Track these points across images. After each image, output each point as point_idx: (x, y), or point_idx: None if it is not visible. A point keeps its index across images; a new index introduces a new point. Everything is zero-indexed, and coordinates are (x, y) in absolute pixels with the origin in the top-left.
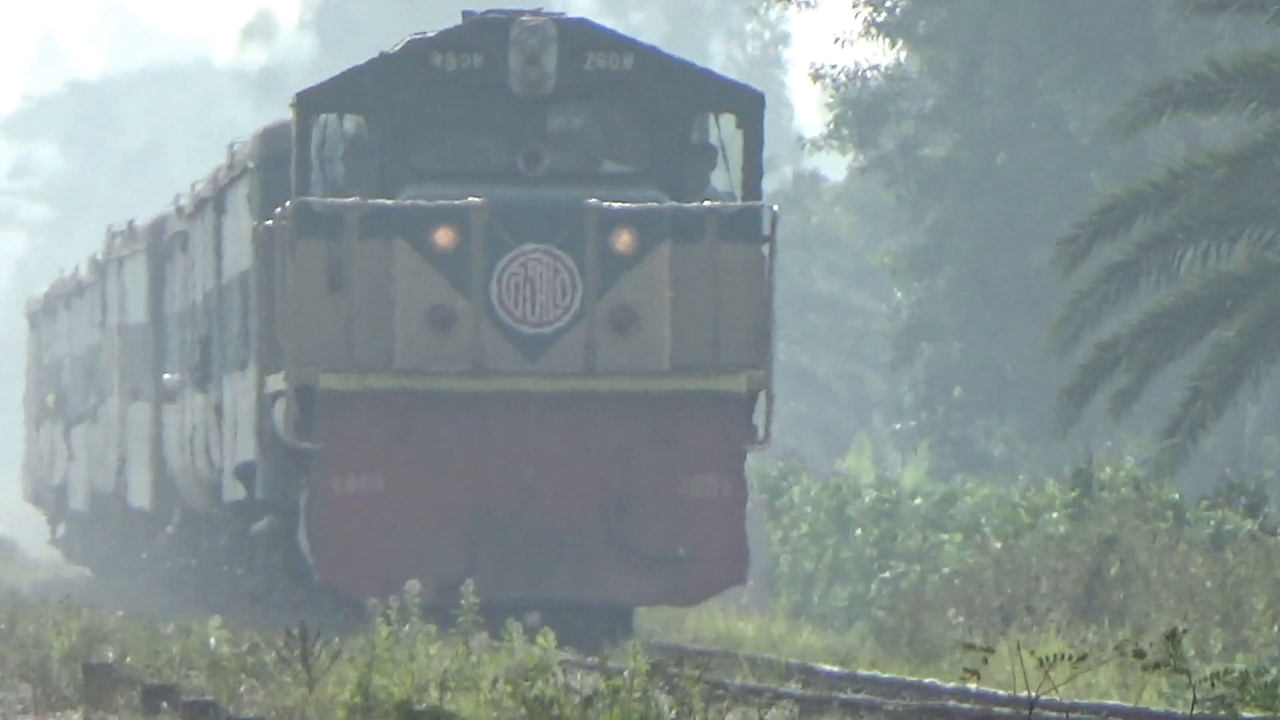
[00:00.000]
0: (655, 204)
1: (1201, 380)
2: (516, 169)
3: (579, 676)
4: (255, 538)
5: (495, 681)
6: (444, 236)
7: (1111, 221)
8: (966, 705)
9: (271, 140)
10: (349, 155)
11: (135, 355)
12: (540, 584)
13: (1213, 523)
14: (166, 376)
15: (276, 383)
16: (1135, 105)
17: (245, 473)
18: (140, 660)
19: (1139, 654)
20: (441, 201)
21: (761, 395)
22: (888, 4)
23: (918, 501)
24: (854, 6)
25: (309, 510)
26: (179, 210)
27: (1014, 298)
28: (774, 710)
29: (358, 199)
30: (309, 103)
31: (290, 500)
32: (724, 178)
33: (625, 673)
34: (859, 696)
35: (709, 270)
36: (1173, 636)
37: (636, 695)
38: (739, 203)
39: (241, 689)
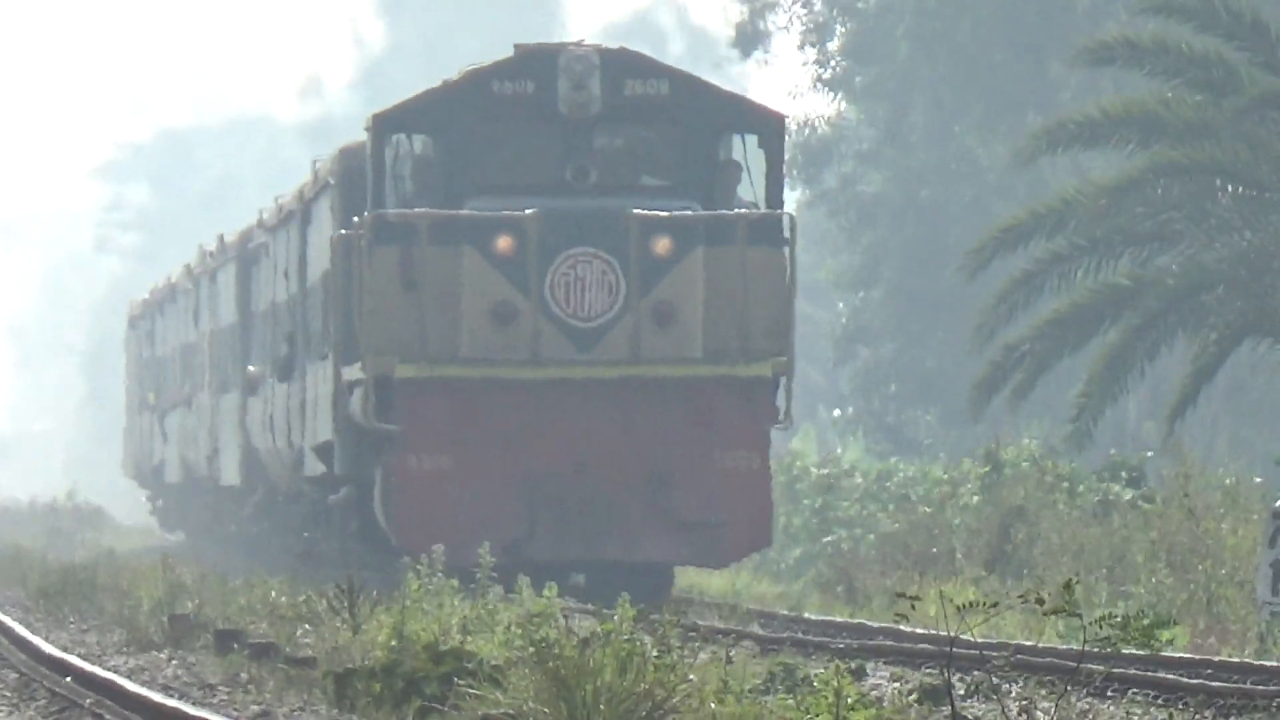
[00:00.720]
0: (690, 212)
1: (1094, 375)
2: (566, 182)
3: (578, 621)
4: (334, 507)
5: (508, 626)
6: (504, 243)
7: (1010, 239)
8: (897, 644)
9: (349, 158)
10: (417, 171)
11: (225, 352)
12: (592, 547)
13: (1100, 493)
14: (250, 369)
15: (354, 373)
16: (1034, 142)
17: (324, 451)
18: (214, 610)
19: (1040, 601)
20: (501, 212)
21: (783, 380)
22: (830, 63)
23: (857, 478)
24: (803, 65)
25: (385, 484)
26: (262, 224)
27: (935, 307)
28: (738, 647)
29: (427, 210)
30: (383, 124)
31: (365, 475)
32: (747, 190)
33: (616, 618)
34: (808, 637)
35: (738, 271)
36: (1068, 586)
37: (625, 637)
38: (763, 211)
39: (298, 633)
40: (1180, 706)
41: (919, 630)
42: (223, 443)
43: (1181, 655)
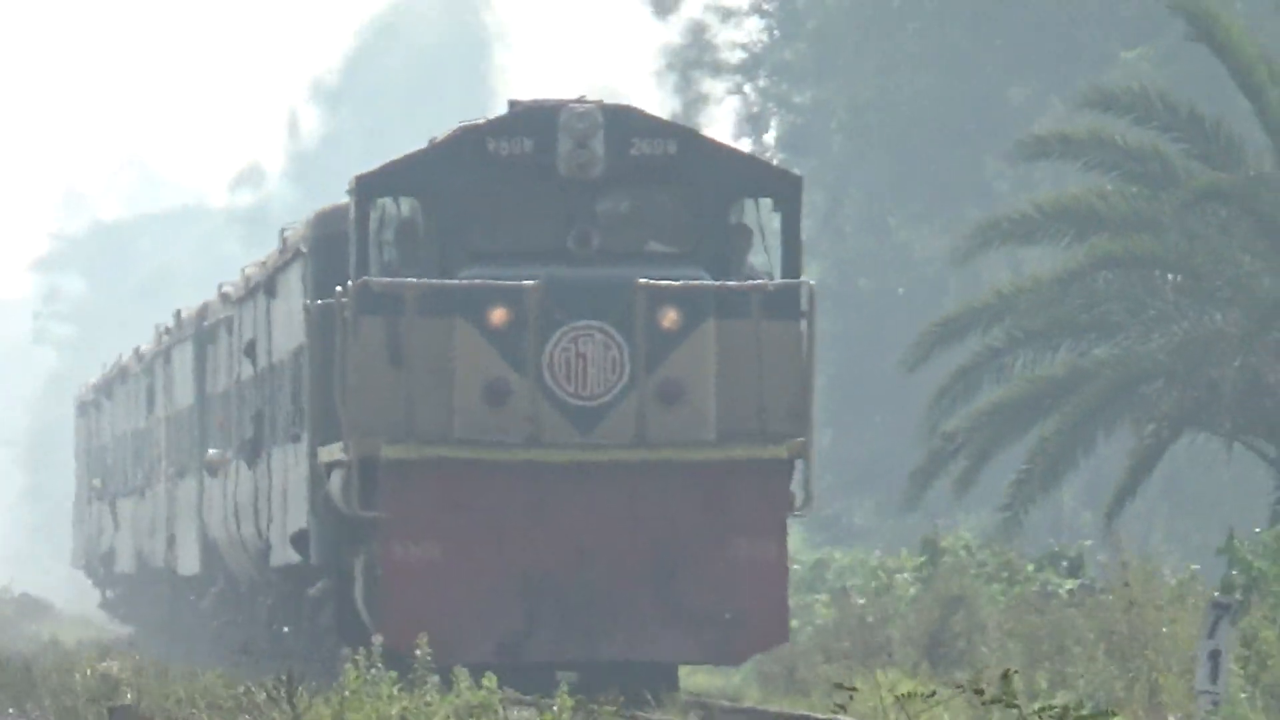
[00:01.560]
0: (701, 282)
1: (1031, 464)
2: (566, 249)
3: (518, 712)
4: (311, 601)
5: (447, 718)
6: (499, 315)
7: (948, 333)
8: None
9: (323, 224)
10: (402, 237)
11: (182, 435)
12: (594, 645)
13: (1039, 582)
14: (211, 452)
15: (334, 453)
16: (970, 238)
17: (299, 540)
18: (154, 702)
19: (979, 691)
20: (497, 281)
21: (800, 464)
22: (766, 154)
23: (795, 567)
24: None
25: (368, 575)
26: (223, 297)
27: (873, 397)
28: None
29: (417, 279)
30: (367, 186)
31: (344, 565)
32: (760, 257)
33: (554, 708)
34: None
35: (752, 345)
36: (1006, 676)
37: None
38: (780, 280)
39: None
40: None
41: None
42: (180, 530)
43: None
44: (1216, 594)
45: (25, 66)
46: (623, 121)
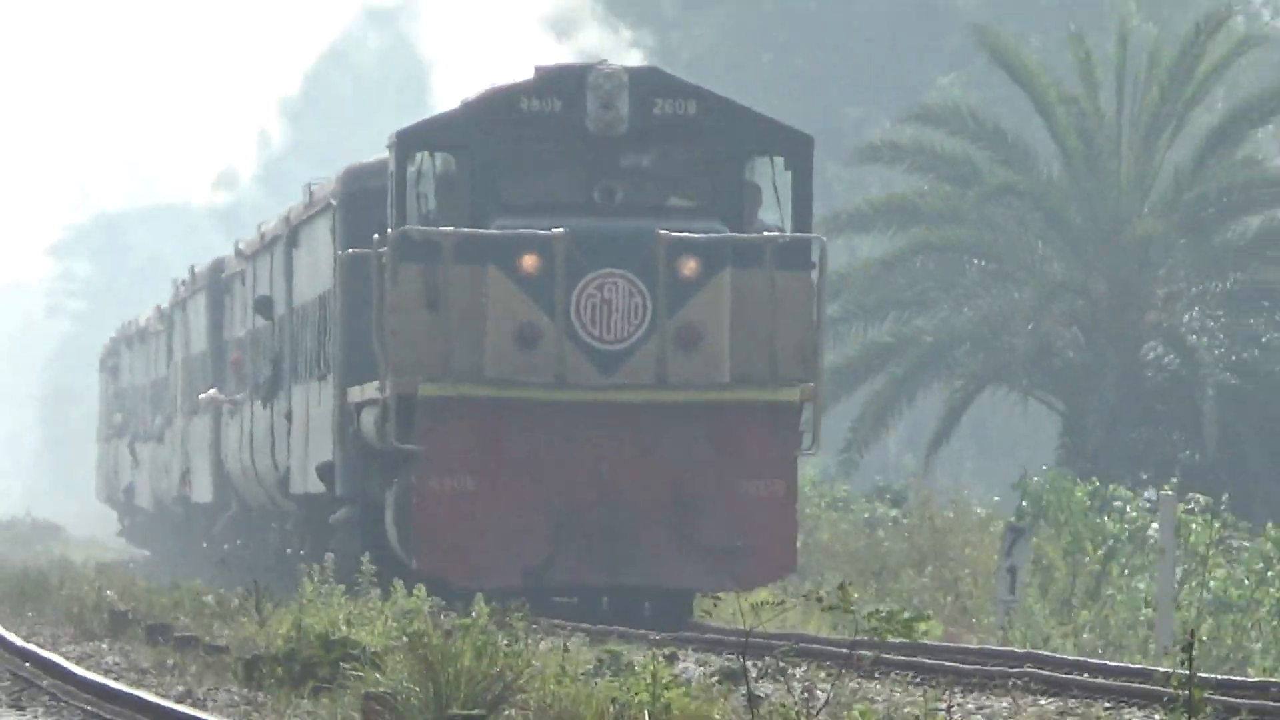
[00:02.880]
0: (718, 234)
1: (864, 415)
2: (592, 202)
3: (446, 618)
4: (334, 526)
5: (387, 620)
6: (529, 262)
7: None
8: (701, 635)
9: (351, 180)
10: (440, 189)
11: (197, 378)
12: (615, 572)
13: (867, 513)
14: (212, 393)
15: (367, 392)
16: (815, 230)
17: (325, 471)
18: (146, 609)
19: (819, 599)
20: (528, 230)
21: (809, 406)
22: None
23: None
24: None
25: (400, 505)
26: (238, 253)
27: None
28: (574, 637)
29: (453, 228)
30: (406, 141)
31: (372, 496)
32: (771, 213)
33: (474, 614)
34: (629, 629)
35: (766, 294)
36: (842, 587)
37: (481, 629)
38: (792, 234)
39: (215, 627)
40: (934, 684)
41: (720, 624)
42: (194, 463)
43: (936, 644)
44: (1013, 520)
45: (42, 83)
46: (646, 82)
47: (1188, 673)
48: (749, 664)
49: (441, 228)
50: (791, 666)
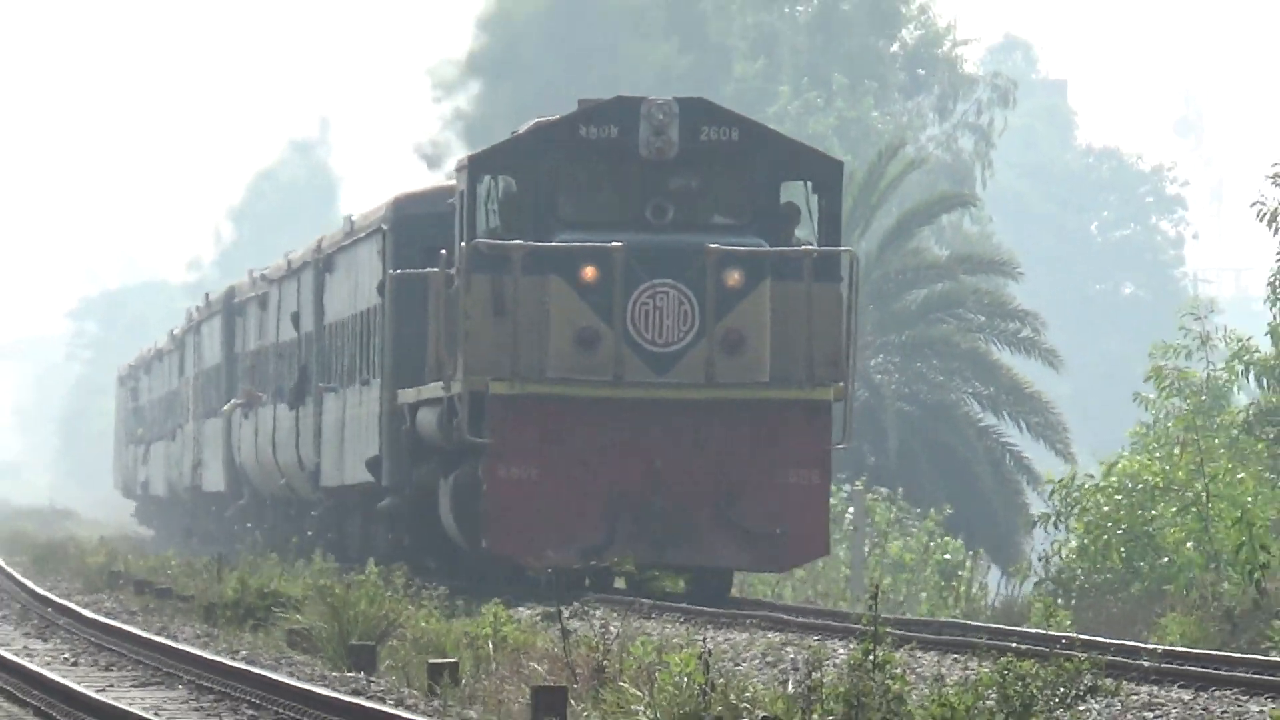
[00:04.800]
0: (760, 248)
1: None
2: (645, 219)
3: (351, 575)
4: (380, 513)
5: (306, 578)
6: (589, 273)
7: None
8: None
9: (401, 208)
10: (504, 208)
11: (211, 387)
12: (665, 553)
13: None
14: (232, 401)
15: (422, 393)
16: None
17: (373, 464)
18: (135, 569)
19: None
20: (588, 244)
21: (841, 404)
22: None
23: None
24: None
25: (462, 493)
26: (254, 281)
27: None
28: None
29: (520, 242)
30: (477, 165)
31: (424, 484)
32: (803, 229)
33: (367, 573)
34: (482, 585)
35: (802, 302)
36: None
37: (373, 584)
38: (825, 248)
39: (186, 583)
40: (694, 623)
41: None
42: (207, 457)
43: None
44: None
45: (60, 195)
46: (695, 111)
47: (874, 614)
48: (563, 608)
49: (511, 241)
50: (591, 609)
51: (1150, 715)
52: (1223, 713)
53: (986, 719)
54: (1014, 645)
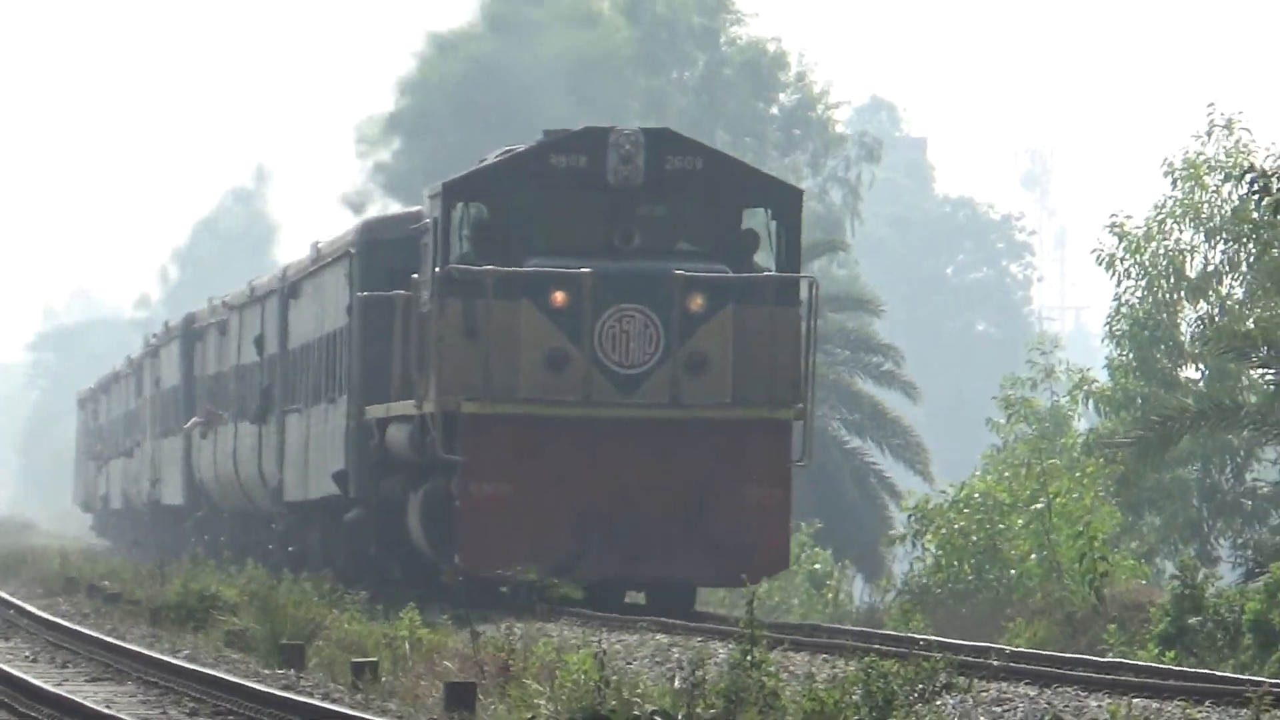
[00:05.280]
0: (724, 274)
1: None
2: (612, 246)
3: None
4: (347, 525)
5: (242, 584)
6: (559, 297)
7: None
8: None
9: (368, 232)
10: (475, 233)
11: (169, 408)
12: (634, 567)
13: None
14: (193, 420)
15: (397, 410)
16: None
17: (339, 477)
18: (88, 574)
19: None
20: (558, 269)
21: (801, 425)
22: None
23: None
24: None
25: (432, 507)
26: (214, 308)
27: None
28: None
29: (492, 267)
30: (452, 192)
31: (391, 498)
32: (761, 255)
33: (296, 579)
34: (403, 591)
35: (763, 326)
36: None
37: (299, 588)
38: (786, 274)
39: (135, 589)
40: (591, 626)
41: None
42: (165, 473)
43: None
44: None
45: (18, 238)
46: (660, 141)
47: (751, 618)
48: (472, 613)
49: (483, 266)
50: (501, 615)
51: (999, 709)
52: (1065, 707)
53: (852, 713)
54: (877, 646)
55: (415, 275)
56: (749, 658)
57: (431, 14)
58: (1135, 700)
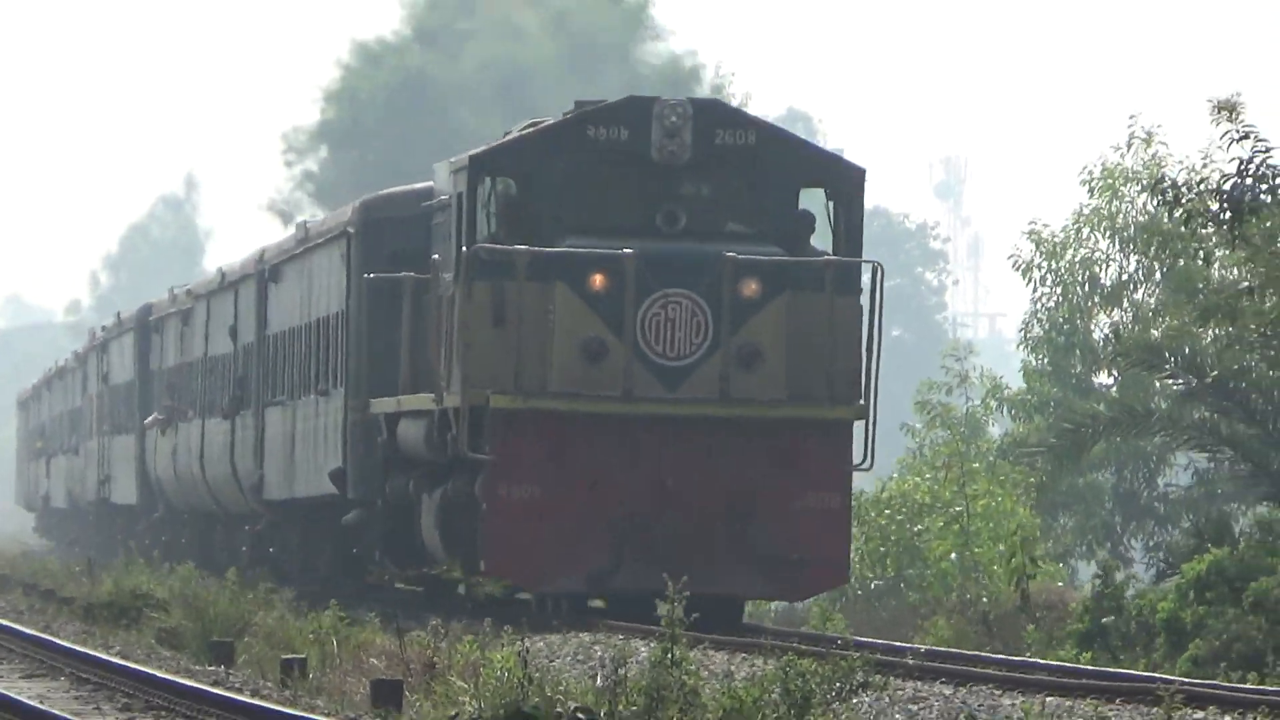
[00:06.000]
0: (780, 258)
1: None
2: (655, 226)
3: (216, 581)
4: (345, 527)
5: (173, 583)
6: (598, 281)
7: None
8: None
9: (368, 211)
10: (504, 211)
11: (120, 404)
12: (675, 578)
13: None
14: (153, 416)
15: (409, 404)
16: None
17: (336, 476)
18: (23, 574)
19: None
20: (598, 250)
21: (862, 425)
22: None
23: None
24: None
25: (451, 510)
26: (174, 297)
27: None
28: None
29: (526, 247)
30: (478, 166)
31: (399, 498)
32: (818, 240)
33: (225, 576)
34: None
35: (823, 316)
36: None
37: (232, 589)
38: (847, 258)
39: (67, 585)
40: (513, 626)
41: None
42: (117, 472)
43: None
44: None
45: None
46: (709, 113)
47: (671, 617)
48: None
49: (515, 246)
50: (428, 616)
51: (915, 708)
52: (979, 705)
53: (771, 711)
54: (795, 645)
55: (436, 256)
56: (669, 656)
57: (359, 24)
58: (1049, 699)
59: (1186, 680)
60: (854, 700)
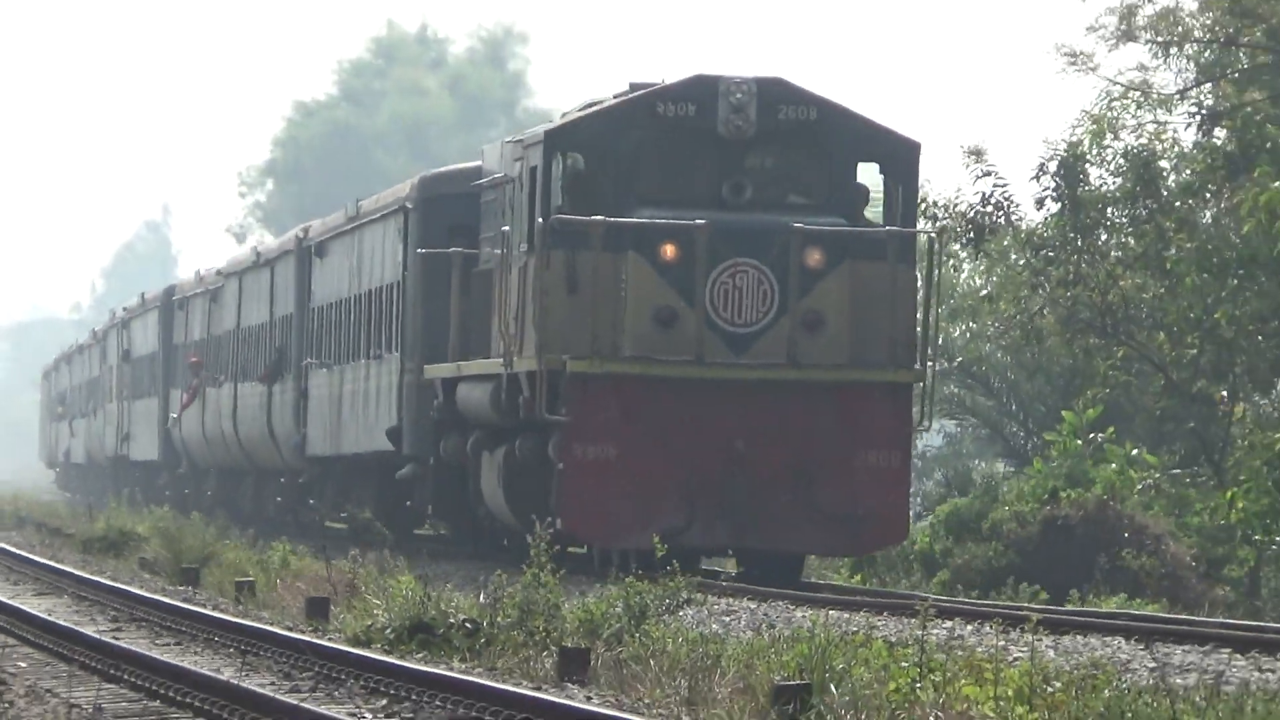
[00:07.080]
0: (843, 228)
1: None
2: (721, 198)
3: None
4: (399, 481)
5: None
6: (669, 250)
7: None
8: None
9: (427, 187)
10: (575, 184)
11: (144, 373)
12: (744, 535)
13: None
14: (194, 382)
15: (472, 369)
16: None
17: (392, 434)
18: (38, 515)
19: None
20: (670, 220)
21: (919, 387)
22: None
23: None
24: None
25: (514, 469)
26: (201, 278)
27: None
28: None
29: (601, 218)
30: (554, 141)
31: (454, 457)
32: (873, 210)
33: (191, 516)
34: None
35: (884, 283)
36: None
37: (204, 524)
38: (906, 229)
39: (71, 524)
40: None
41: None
42: (136, 430)
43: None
44: None
45: None
46: (772, 90)
47: (540, 548)
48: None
49: (591, 217)
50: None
51: (728, 619)
52: (778, 617)
53: (615, 621)
54: (637, 573)
55: (505, 229)
56: (537, 579)
57: (299, 86)
58: (831, 612)
59: (938, 598)
60: (680, 613)
